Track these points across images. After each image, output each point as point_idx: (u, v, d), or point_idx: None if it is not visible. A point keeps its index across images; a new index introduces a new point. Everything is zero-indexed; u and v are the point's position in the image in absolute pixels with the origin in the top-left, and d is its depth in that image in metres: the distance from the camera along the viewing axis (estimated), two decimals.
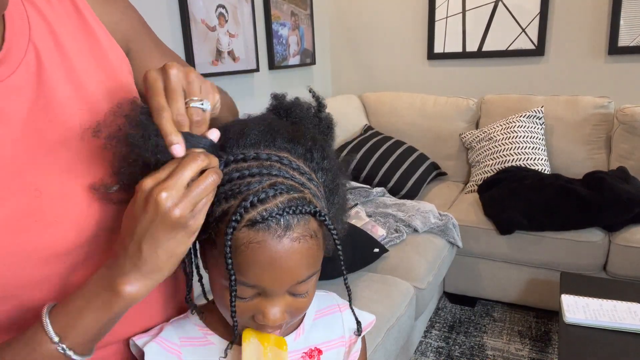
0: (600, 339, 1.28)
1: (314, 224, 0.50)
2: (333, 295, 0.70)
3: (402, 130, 2.75)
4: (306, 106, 0.60)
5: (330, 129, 0.61)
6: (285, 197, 0.47)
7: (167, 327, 0.59)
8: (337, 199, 0.57)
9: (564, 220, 1.96)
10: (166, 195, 0.42)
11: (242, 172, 0.49)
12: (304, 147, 0.53)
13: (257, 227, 0.46)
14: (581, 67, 2.55)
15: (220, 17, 2.06)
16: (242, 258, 0.47)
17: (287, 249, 0.47)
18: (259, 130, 0.52)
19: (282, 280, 0.49)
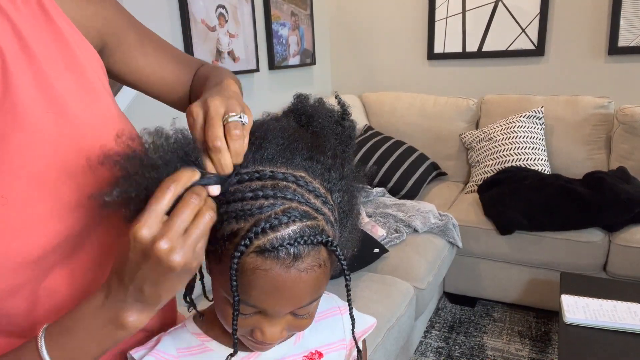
0: (600, 339, 1.28)
1: (324, 253, 0.48)
2: (333, 297, 0.69)
3: (402, 130, 2.75)
4: (329, 113, 0.57)
5: (351, 139, 0.58)
6: (298, 226, 0.46)
7: (165, 338, 0.59)
8: (350, 221, 0.56)
9: (564, 220, 1.96)
10: (168, 248, 0.41)
11: (256, 192, 0.46)
12: (323, 165, 0.51)
13: (265, 254, 0.45)
14: (581, 67, 2.55)
15: (220, 17, 2.06)
16: (247, 281, 0.46)
17: (293, 279, 0.46)
18: (278, 144, 0.50)
19: (285, 305, 0.48)
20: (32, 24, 0.51)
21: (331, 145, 0.54)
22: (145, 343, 0.59)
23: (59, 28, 0.52)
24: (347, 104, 0.59)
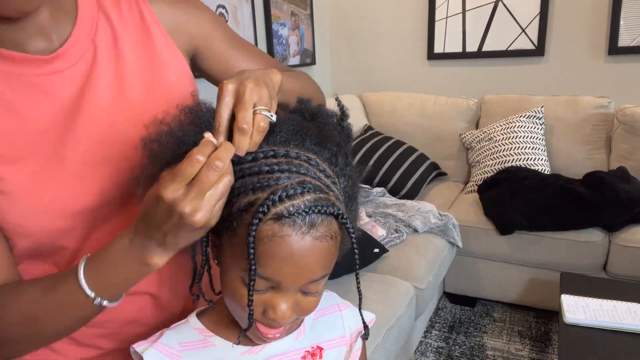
0: (600, 339, 1.28)
1: (335, 226, 0.51)
2: (333, 295, 0.70)
3: (402, 130, 2.75)
4: (330, 114, 0.62)
5: (349, 139, 0.62)
6: (312, 196, 0.49)
7: (167, 332, 0.60)
8: (354, 206, 0.59)
9: (564, 220, 1.96)
10: (190, 209, 0.45)
11: (272, 167, 0.50)
12: (330, 151, 0.55)
13: (282, 221, 0.47)
14: (581, 67, 2.55)
15: (220, 17, 2.06)
16: (264, 250, 0.48)
17: (308, 246, 0.48)
18: (289, 129, 0.54)
19: (299, 276, 0.50)
20: (129, 29, 0.64)
21: (335, 137, 0.58)
22: (148, 338, 0.60)
23: (151, 35, 0.66)
24: (345, 107, 0.63)
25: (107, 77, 0.62)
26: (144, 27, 0.66)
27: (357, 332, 0.67)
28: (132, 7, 0.66)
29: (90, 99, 0.60)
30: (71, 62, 0.60)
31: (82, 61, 0.60)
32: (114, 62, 0.63)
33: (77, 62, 0.60)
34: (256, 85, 0.52)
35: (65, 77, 0.59)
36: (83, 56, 0.61)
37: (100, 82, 0.61)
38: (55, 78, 0.58)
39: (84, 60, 0.61)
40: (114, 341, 0.68)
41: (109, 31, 0.63)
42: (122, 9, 0.65)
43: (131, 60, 0.64)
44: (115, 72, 0.63)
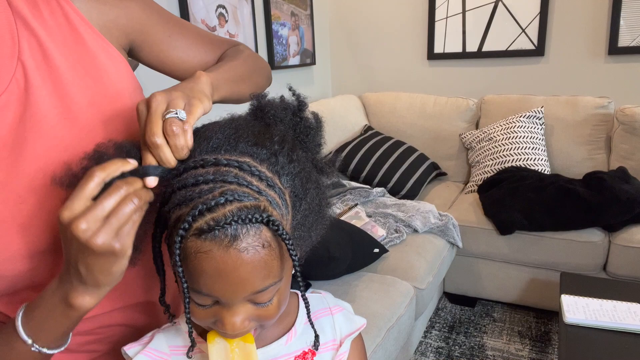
0: (600, 339, 1.28)
1: (266, 233, 0.48)
2: (325, 296, 0.69)
3: (402, 130, 2.75)
4: (284, 105, 0.58)
5: (309, 129, 0.59)
6: (235, 206, 0.46)
7: (157, 335, 0.59)
8: (305, 204, 0.54)
9: (564, 220, 1.96)
10: (84, 226, 0.43)
11: (197, 178, 0.48)
12: (269, 150, 0.51)
13: (204, 236, 0.45)
14: (581, 67, 2.55)
15: (220, 17, 2.06)
16: (192, 267, 0.47)
17: (234, 260, 0.46)
18: (224, 134, 0.52)
19: (234, 291, 0.48)
20: (56, 36, 0.56)
21: (280, 132, 0.55)
22: (139, 339, 0.60)
23: (81, 36, 0.58)
24: (302, 96, 0.61)
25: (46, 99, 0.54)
26: (71, 30, 0.57)
27: (346, 336, 0.66)
28: (54, 8, 0.57)
29: (34, 127, 0.53)
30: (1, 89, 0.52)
31: (13, 84, 0.53)
32: (48, 79, 0.55)
33: (7, 88, 0.52)
34: (164, 94, 0.50)
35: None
36: (12, 78, 0.53)
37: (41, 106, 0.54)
38: None
39: (15, 82, 0.53)
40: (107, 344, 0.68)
41: (33, 43, 0.54)
42: (43, 13, 0.56)
43: (66, 72, 0.56)
44: (53, 91, 0.55)
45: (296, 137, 0.58)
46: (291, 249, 0.49)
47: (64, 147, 0.55)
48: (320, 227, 0.59)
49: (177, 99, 0.50)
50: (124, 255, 0.46)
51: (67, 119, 0.56)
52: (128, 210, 0.45)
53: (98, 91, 0.58)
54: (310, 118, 0.60)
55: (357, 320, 0.68)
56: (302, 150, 0.57)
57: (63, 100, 0.56)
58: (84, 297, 0.48)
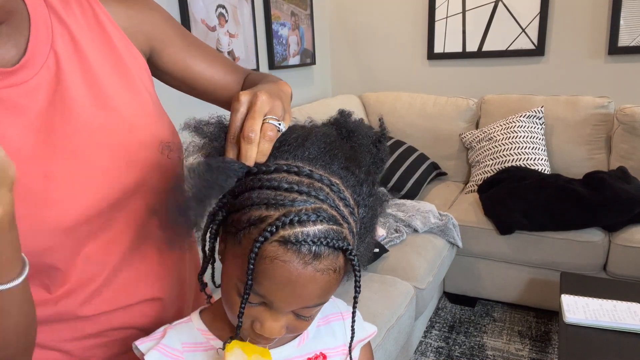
0: (600, 339, 1.28)
1: (341, 260, 0.49)
2: (338, 301, 0.69)
3: (402, 130, 2.75)
4: (368, 132, 0.59)
5: (383, 162, 0.60)
6: (325, 227, 0.47)
7: (170, 331, 0.59)
8: (368, 238, 0.57)
9: (564, 220, 1.96)
10: None
11: (292, 185, 0.48)
12: (357, 178, 0.53)
13: (288, 246, 0.46)
14: (581, 67, 2.55)
15: (220, 17, 2.06)
16: (263, 269, 0.47)
17: (308, 276, 0.47)
18: (320, 147, 0.52)
19: (293, 301, 0.49)
20: (86, 32, 0.61)
21: (366, 162, 0.56)
22: (150, 335, 0.59)
23: (109, 35, 0.62)
24: (387, 130, 0.61)
25: (77, 84, 0.58)
26: (100, 29, 0.62)
27: (357, 342, 0.66)
28: (85, 8, 0.61)
29: (64, 110, 0.57)
30: (34, 71, 0.56)
31: (44, 70, 0.56)
32: (79, 67, 0.59)
33: (40, 71, 0.56)
34: (269, 97, 0.52)
35: (29, 88, 0.55)
36: (45, 64, 0.56)
37: (72, 90, 0.58)
38: (19, 90, 0.54)
39: (46, 68, 0.57)
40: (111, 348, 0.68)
41: (66, 35, 0.59)
42: (75, 12, 0.60)
43: (96, 65, 0.60)
44: (84, 78, 0.59)
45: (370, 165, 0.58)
46: (358, 280, 0.51)
47: (92, 129, 0.58)
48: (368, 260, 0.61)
49: (278, 108, 0.53)
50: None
51: (95, 104, 0.59)
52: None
53: (123, 85, 0.62)
54: (385, 150, 0.60)
55: (367, 328, 0.68)
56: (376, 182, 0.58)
57: (92, 89, 0.59)
58: None
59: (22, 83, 0.55)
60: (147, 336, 0.59)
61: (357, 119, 0.60)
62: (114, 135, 0.60)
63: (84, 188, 0.57)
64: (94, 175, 0.58)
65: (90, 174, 0.58)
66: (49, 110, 0.56)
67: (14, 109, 0.54)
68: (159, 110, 0.67)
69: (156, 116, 0.65)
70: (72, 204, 0.56)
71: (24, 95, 0.55)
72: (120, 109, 0.61)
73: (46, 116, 0.56)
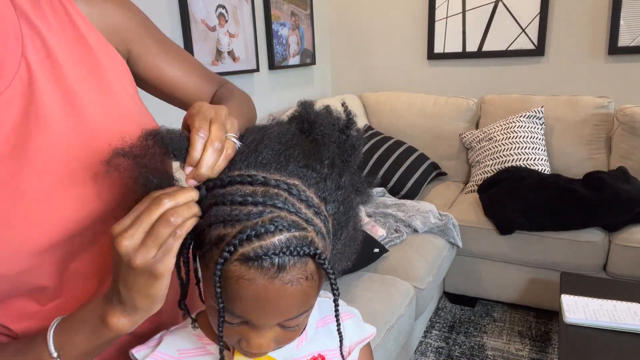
0: (600, 339, 1.28)
1: (311, 266, 0.47)
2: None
3: (402, 130, 2.75)
4: (333, 121, 0.55)
5: (355, 149, 0.56)
6: (285, 236, 0.45)
7: (166, 338, 0.59)
8: (345, 233, 0.54)
9: (564, 220, 1.96)
10: (126, 244, 0.43)
11: (246, 197, 0.45)
12: (319, 174, 0.49)
13: (249, 263, 0.44)
14: (581, 67, 2.55)
15: (220, 17, 2.06)
16: (231, 290, 0.46)
17: (277, 290, 0.45)
18: (274, 149, 0.49)
19: (270, 317, 0.48)
20: (59, 35, 0.56)
21: (330, 153, 0.52)
22: (147, 342, 0.59)
23: (84, 37, 0.58)
24: (353, 113, 0.57)
25: (51, 94, 0.54)
26: (74, 30, 0.57)
27: (356, 343, 0.66)
28: (57, 8, 0.57)
29: (38, 123, 0.53)
30: (5, 83, 0.51)
31: (16, 81, 0.52)
32: (52, 76, 0.55)
33: (12, 82, 0.52)
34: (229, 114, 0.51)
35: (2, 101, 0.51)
36: (16, 74, 0.52)
37: (45, 102, 0.54)
38: None
39: (18, 79, 0.53)
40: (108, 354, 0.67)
41: (37, 40, 0.54)
42: (46, 12, 0.56)
43: (70, 70, 0.56)
44: (57, 86, 0.55)
45: (340, 155, 0.55)
46: (334, 283, 0.49)
47: (68, 142, 0.55)
48: (354, 251, 0.58)
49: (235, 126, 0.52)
50: (163, 278, 0.45)
51: (71, 115, 0.56)
52: (168, 230, 0.44)
53: (101, 90, 0.58)
54: (355, 136, 0.56)
55: (367, 329, 0.68)
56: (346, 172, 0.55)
57: (67, 97, 0.56)
58: (119, 318, 0.48)
59: None
60: (144, 344, 0.59)
61: (321, 109, 0.57)
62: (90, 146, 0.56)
63: (62, 206, 0.54)
64: (73, 191, 0.55)
65: (68, 190, 0.55)
66: (23, 123, 0.53)
67: None
68: (140, 113, 0.63)
69: (137, 121, 0.61)
70: (51, 223, 0.54)
71: None
72: (97, 118, 0.57)
73: (21, 129, 0.52)
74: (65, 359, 0.50)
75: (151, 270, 0.44)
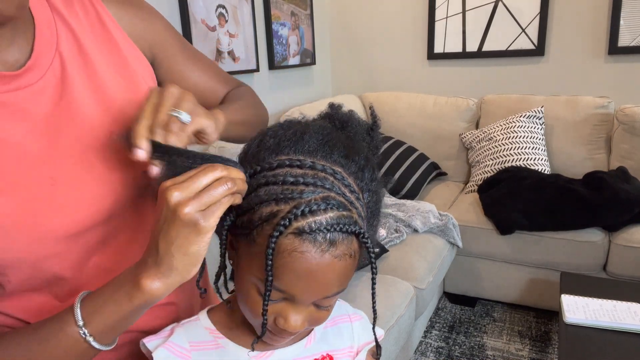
0: (600, 339, 1.28)
1: (355, 244, 0.50)
2: (344, 304, 0.70)
3: (402, 130, 2.75)
4: (361, 122, 0.60)
5: (377, 150, 0.61)
6: (335, 214, 0.48)
7: (177, 329, 0.59)
8: (375, 222, 0.58)
9: (564, 220, 1.96)
10: (177, 194, 0.45)
11: (297, 178, 0.48)
12: (358, 165, 0.53)
13: (303, 236, 0.47)
14: (581, 67, 2.55)
15: (220, 17, 2.06)
16: (282, 263, 0.47)
17: (327, 264, 0.48)
18: (318, 139, 0.53)
19: (314, 292, 0.50)
20: (90, 34, 0.60)
21: (363, 149, 0.57)
22: (158, 332, 0.59)
23: (114, 38, 0.62)
24: (378, 117, 0.62)
25: (82, 87, 0.58)
26: (104, 31, 0.61)
27: (364, 345, 0.67)
28: (88, 8, 0.60)
29: (70, 113, 0.56)
30: (39, 74, 0.55)
31: (50, 73, 0.56)
32: (83, 69, 0.58)
33: (45, 74, 0.55)
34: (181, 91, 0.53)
35: (35, 91, 0.54)
36: (50, 67, 0.56)
37: (77, 93, 0.57)
38: (25, 94, 0.53)
39: (52, 71, 0.56)
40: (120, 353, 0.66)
41: (70, 36, 0.58)
42: (78, 12, 0.59)
43: (101, 67, 0.60)
44: (88, 81, 0.58)
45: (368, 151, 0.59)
46: (374, 262, 0.52)
47: (97, 134, 0.58)
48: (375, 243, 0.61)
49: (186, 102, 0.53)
50: (205, 234, 0.46)
51: (101, 108, 0.59)
52: (221, 191, 0.46)
53: (128, 86, 0.62)
54: (379, 138, 0.62)
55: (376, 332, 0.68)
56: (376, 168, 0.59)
57: (97, 92, 0.59)
58: (153, 280, 0.47)
59: (28, 86, 0.54)
60: (155, 334, 0.59)
61: (348, 111, 0.61)
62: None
63: (90, 193, 0.57)
64: (100, 179, 0.58)
65: (96, 178, 0.57)
66: (55, 114, 0.55)
67: (19, 113, 0.53)
68: None
69: None
70: (78, 209, 0.56)
71: (29, 98, 0.54)
72: (125, 111, 0.60)
73: (52, 119, 0.55)
74: (91, 330, 0.49)
75: (197, 223, 0.45)
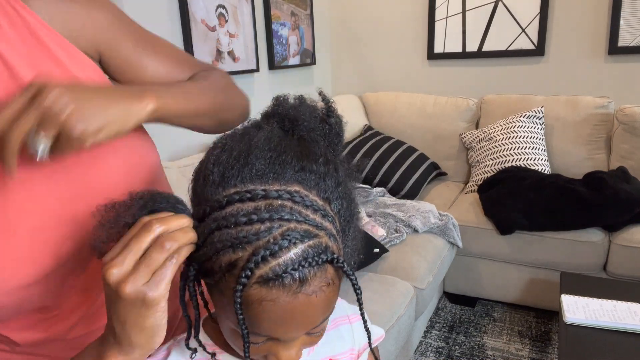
0: (600, 339, 1.28)
1: (331, 271, 0.45)
2: (343, 304, 0.68)
3: (402, 130, 2.75)
4: (313, 112, 0.52)
5: (340, 137, 0.54)
6: (300, 248, 0.43)
7: (174, 348, 0.57)
8: (352, 227, 0.52)
9: (564, 220, 1.96)
10: (115, 272, 0.41)
11: (250, 216, 0.43)
12: (317, 174, 0.47)
13: (270, 284, 0.42)
14: (581, 67, 2.55)
15: (220, 17, 2.06)
16: (254, 313, 0.44)
17: (302, 304, 0.43)
18: (266, 158, 0.46)
19: (297, 330, 0.46)
20: (19, 49, 0.51)
21: (321, 150, 0.50)
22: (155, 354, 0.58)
23: (47, 47, 0.53)
24: (331, 99, 0.55)
25: None
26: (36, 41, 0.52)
27: (364, 346, 0.66)
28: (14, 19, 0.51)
29: None
30: None
31: None
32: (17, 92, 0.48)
33: None
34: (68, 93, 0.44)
35: None
36: None
37: None
38: None
39: None
40: None
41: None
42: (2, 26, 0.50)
43: None
44: None
45: (329, 147, 0.53)
46: (355, 284, 0.48)
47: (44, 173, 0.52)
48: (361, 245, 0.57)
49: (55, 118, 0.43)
50: (157, 306, 0.42)
51: None
52: (162, 254, 0.42)
53: None
54: (338, 123, 0.54)
55: (375, 331, 0.67)
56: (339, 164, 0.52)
57: None
58: (116, 358, 0.45)
59: None
60: (151, 357, 0.57)
61: (296, 99, 0.53)
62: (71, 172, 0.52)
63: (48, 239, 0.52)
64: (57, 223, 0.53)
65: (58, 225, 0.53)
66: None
67: None
68: None
69: None
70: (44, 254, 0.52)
71: None
72: None
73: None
74: None
75: (144, 299, 0.42)
